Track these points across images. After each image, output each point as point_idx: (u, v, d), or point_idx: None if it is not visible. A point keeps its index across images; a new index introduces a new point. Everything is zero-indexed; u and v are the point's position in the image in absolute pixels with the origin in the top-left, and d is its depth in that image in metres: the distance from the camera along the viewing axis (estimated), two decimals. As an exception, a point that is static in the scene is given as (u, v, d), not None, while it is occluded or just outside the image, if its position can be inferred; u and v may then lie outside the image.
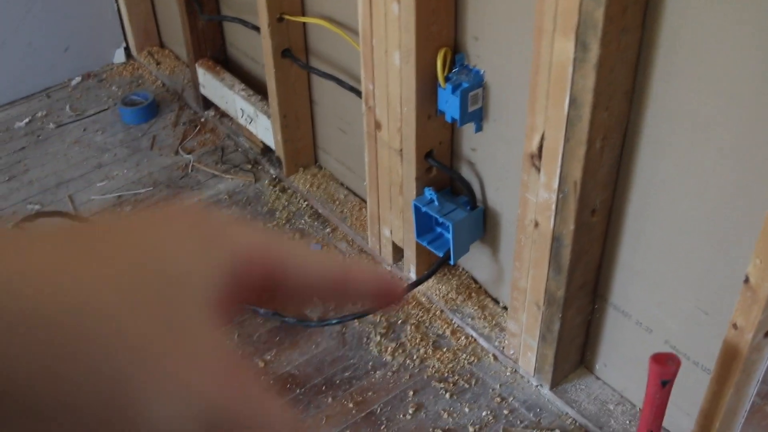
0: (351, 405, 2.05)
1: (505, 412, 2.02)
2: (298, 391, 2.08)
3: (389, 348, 2.17)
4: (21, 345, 0.29)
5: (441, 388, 2.07)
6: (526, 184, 1.75)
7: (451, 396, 2.05)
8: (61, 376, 0.30)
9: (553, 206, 1.71)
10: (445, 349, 2.17)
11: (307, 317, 2.27)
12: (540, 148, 1.66)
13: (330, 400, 2.06)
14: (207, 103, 3.00)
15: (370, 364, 2.14)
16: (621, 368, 1.97)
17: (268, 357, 2.17)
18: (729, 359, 1.54)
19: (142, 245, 0.35)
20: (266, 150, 2.79)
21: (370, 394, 2.07)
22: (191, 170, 2.81)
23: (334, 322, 2.21)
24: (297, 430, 0.36)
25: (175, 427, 0.32)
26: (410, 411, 2.02)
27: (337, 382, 2.10)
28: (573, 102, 1.53)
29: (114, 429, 0.31)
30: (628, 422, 1.96)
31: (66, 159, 2.89)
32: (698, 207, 1.57)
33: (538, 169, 1.69)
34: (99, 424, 0.31)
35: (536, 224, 1.78)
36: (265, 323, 2.25)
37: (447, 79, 1.88)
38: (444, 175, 2.11)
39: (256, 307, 0.38)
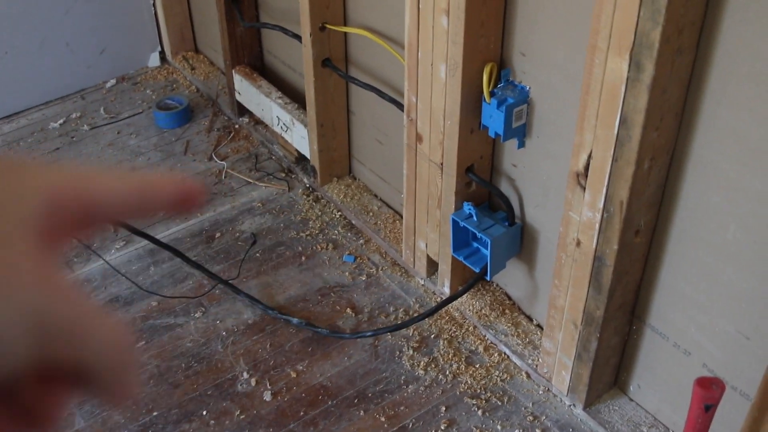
0: (383, 419, 2.04)
1: (538, 431, 2.01)
2: (330, 402, 2.08)
3: (422, 362, 2.16)
4: None
5: (473, 404, 2.06)
6: (570, 202, 1.74)
7: (483, 413, 2.04)
8: None
9: (597, 225, 1.70)
10: (477, 366, 2.15)
11: (339, 329, 2.26)
12: (587, 166, 1.65)
13: (362, 413, 2.05)
14: (241, 110, 3.00)
15: (403, 378, 2.13)
16: (656, 390, 1.96)
17: (300, 367, 2.16)
18: (772, 386, 1.52)
19: None
20: (301, 159, 2.79)
21: (402, 408, 2.06)
22: (224, 177, 2.81)
23: (367, 334, 2.20)
24: (122, 338, 0.38)
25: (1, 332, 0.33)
26: (442, 427, 2.01)
27: (369, 395, 2.09)
28: (623, 122, 1.52)
29: None
30: (661, 445, 1.95)
31: (100, 161, 2.90)
32: (745, 231, 1.56)
33: (583, 188, 1.68)
34: None
35: (578, 243, 1.77)
36: (297, 333, 2.25)
37: (492, 94, 1.88)
38: (483, 189, 2.10)
39: (80, 240, 0.40)
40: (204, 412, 2.06)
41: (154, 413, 2.07)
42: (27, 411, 0.37)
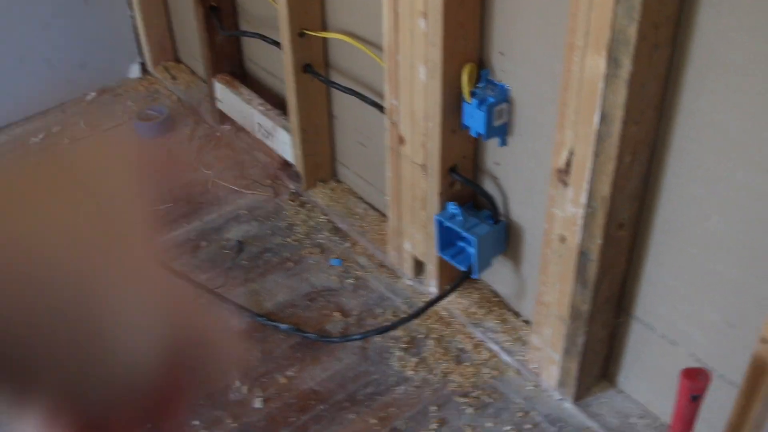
0: (374, 421, 2.05)
1: (528, 426, 2.02)
2: (321, 407, 2.08)
3: (411, 363, 2.17)
4: None
5: (463, 402, 2.07)
6: (553, 198, 1.76)
7: (474, 411, 2.06)
8: (28, 319, 0.32)
9: (581, 221, 1.71)
10: (467, 364, 2.17)
11: (328, 333, 2.27)
12: (568, 163, 1.67)
13: (353, 416, 2.06)
14: (223, 118, 3.01)
15: (393, 379, 2.14)
16: (644, 381, 1.98)
17: (290, 373, 2.17)
18: (758, 373, 1.54)
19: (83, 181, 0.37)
20: (285, 165, 2.80)
21: (393, 409, 2.07)
22: (210, 186, 2.82)
23: (356, 337, 2.22)
24: (245, 358, 0.39)
25: (140, 356, 0.34)
26: (433, 426, 2.02)
27: (360, 397, 2.10)
28: (603, 118, 1.54)
29: (84, 368, 0.34)
30: (651, 436, 1.97)
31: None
32: (727, 221, 1.58)
33: (566, 184, 1.70)
34: (69, 358, 0.33)
35: (563, 239, 1.79)
36: (286, 339, 2.25)
37: (472, 94, 1.89)
38: (467, 189, 2.11)
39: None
40: (196, 422, 2.07)
41: (147, 425, 2.06)
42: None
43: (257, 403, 2.10)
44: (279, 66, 2.59)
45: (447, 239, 2.14)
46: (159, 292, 0.36)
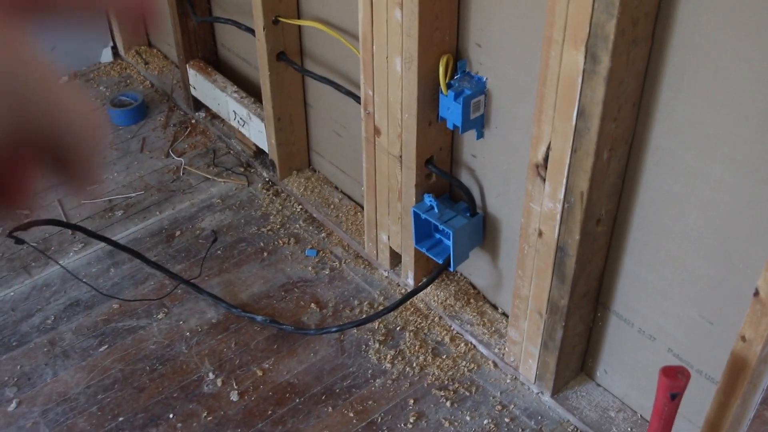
0: (351, 414, 2.03)
1: (507, 420, 2.01)
2: (297, 400, 2.06)
3: (388, 355, 2.15)
4: None
5: (441, 396, 2.06)
6: (531, 193, 1.73)
7: (451, 404, 2.04)
8: None
9: (558, 216, 1.69)
10: (444, 356, 2.15)
11: (304, 325, 2.25)
12: (546, 158, 1.64)
13: (330, 409, 2.04)
14: (197, 105, 2.97)
15: (370, 372, 2.12)
16: (622, 375, 1.96)
17: (267, 365, 2.14)
18: (737, 371, 1.52)
19: None
20: (259, 153, 2.76)
21: (370, 403, 2.05)
22: (183, 173, 2.78)
23: (333, 330, 2.19)
24: (93, 115, 0.38)
25: None
26: (411, 420, 2.01)
27: (337, 390, 2.08)
28: (581, 113, 1.51)
29: None
30: (629, 429, 1.95)
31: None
32: (705, 218, 1.56)
33: (544, 179, 1.68)
34: None
35: (540, 233, 1.76)
36: (261, 331, 2.23)
37: (449, 86, 1.86)
38: (443, 181, 2.09)
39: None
40: (170, 415, 2.04)
41: (120, 418, 2.04)
42: None
43: (233, 396, 2.08)
44: (253, 52, 2.55)
45: (424, 231, 2.12)
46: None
